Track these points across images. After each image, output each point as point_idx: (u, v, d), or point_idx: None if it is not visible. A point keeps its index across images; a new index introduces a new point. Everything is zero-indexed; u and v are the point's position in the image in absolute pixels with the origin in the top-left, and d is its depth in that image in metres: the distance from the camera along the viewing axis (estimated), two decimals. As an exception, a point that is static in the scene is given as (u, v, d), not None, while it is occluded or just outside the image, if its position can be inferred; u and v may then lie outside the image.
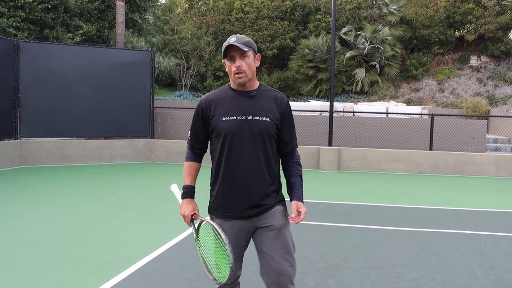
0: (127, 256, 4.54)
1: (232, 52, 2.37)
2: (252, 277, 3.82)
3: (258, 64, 2.48)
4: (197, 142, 2.56)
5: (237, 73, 2.38)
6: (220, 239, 2.24)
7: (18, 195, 7.53)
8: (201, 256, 2.46)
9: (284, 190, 2.59)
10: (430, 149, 11.82)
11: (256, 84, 2.50)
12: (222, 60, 2.48)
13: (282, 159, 2.59)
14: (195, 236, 2.48)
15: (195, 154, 2.59)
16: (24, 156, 10.91)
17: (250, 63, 2.40)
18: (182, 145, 12.32)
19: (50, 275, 3.98)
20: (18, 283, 3.79)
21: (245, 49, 2.34)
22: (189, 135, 2.59)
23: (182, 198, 2.52)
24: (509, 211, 7.23)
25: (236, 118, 2.39)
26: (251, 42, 2.42)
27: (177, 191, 2.64)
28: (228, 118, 2.40)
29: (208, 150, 2.60)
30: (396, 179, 10.53)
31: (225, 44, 2.38)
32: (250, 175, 2.40)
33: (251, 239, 2.52)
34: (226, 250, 2.18)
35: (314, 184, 9.59)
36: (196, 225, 2.47)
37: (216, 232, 2.28)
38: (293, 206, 2.50)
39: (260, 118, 2.40)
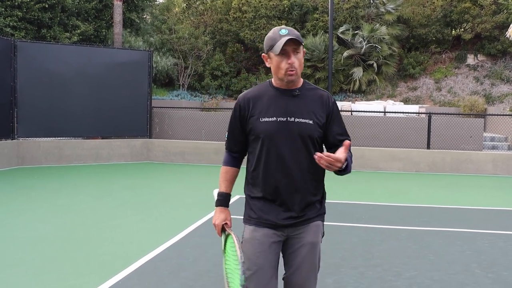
0: (125, 255, 4.54)
1: (287, 46, 2.10)
2: None
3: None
4: (235, 144, 2.33)
5: (290, 70, 2.13)
6: (237, 256, 2.06)
7: (16, 195, 7.52)
8: (225, 270, 2.28)
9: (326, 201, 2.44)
10: (428, 147, 11.85)
11: (300, 81, 2.26)
12: (264, 54, 2.22)
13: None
14: (222, 248, 2.33)
15: (233, 158, 2.36)
16: (21, 156, 10.88)
17: (301, 59, 2.17)
18: (180, 145, 12.32)
19: (49, 275, 3.98)
20: (18, 283, 3.79)
21: (302, 42, 2.13)
22: (226, 136, 2.37)
23: (216, 206, 2.35)
24: (507, 209, 7.26)
25: (277, 119, 2.17)
26: (301, 37, 2.16)
27: (216, 196, 2.43)
28: (267, 119, 2.18)
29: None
30: (393, 178, 10.55)
31: (273, 37, 2.13)
32: (289, 183, 2.19)
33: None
34: (239, 269, 2.02)
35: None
36: (225, 236, 2.32)
37: (236, 248, 2.11)
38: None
39: (303, 120, 2.18)
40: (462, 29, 23.19)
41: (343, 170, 2.10)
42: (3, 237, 5.11)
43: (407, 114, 13.70)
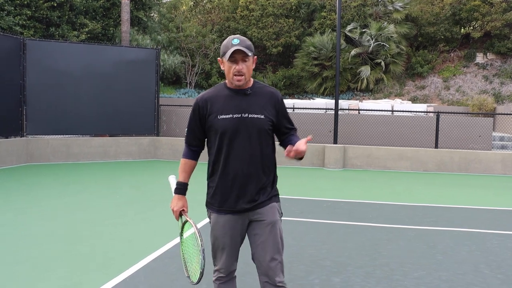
0: (132, 253, 4.56)
1: (235, 54, 2.42)
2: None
3: (254, 66, 2.54)
4: (194, 139, 2.63)
5: (236, 75, 2.44)
6: (197, 242, 2.40)
7: (24, 192, 7.58)
8: (182, 252, 2.65)
9: (279, 185, 2.67)
10: (436, 147, 11.77)
11: (251, 82, 2.56)
12: (219, 59, 2.54)
13: (283, 141, 2.69)
14: (179, 231, 2.65)
15: (192, 152, 2.65)
16: (30, 153, 10.97)
17: (249, 65, 2.47)
18: (187, 143, 12.33)
19: (55, 272, 4.00)
20: (25, 279, 3.81)
21: (249, 54, 2.42)
22: (186, 132, 2.67)
23: (174, 193, 2.65)
24: (516, 209, 7.19)
25: (233, 116, 2.47)
26: (251, 46, 2.48)
27: (173, 183, 2.73)
28: (224, 117, 2.47)
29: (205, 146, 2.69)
30: (401, 177, 10.50)
31: (226, 45, 2.43)
32: (245, 171, 2.48)
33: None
34: (200, 255, 2.36)
35: (320, 182, 9.58)
36: (182, 222, 2.62)
37: (196, 235, 2.42)
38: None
39: (256, 116, 2.49)
40: (471, 27, 23.01)
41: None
42: (10, 234, 5.15)
43: (415, 113, 13.62)
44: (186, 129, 2.66)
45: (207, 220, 2.78)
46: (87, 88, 11.67)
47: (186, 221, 2.59)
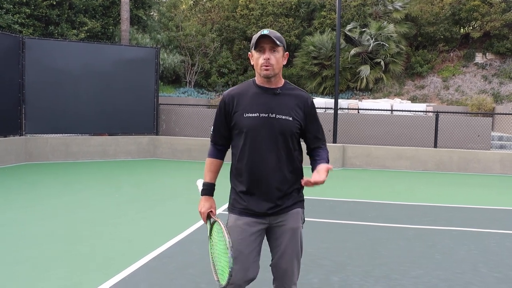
0: (132, 252, 4.56)
1: (263, 43, 2.32)
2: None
3: (285, 62, 2.43)
4: (220, 138, 2.50)
5: (265, 65, 2.32)
6: (226, 240, 2.23)
7: (24, 191, 7.57)
8: (211, 255, 2.47)
9: (305, 190, 2.57)
10: (435, 146, 11.79)
11: (282, 82, 2.45)
12: (249, 53, 2.43)
13: (310, 153, 2.56)
14: (208, 234, 2.50)
15: (218, 151, 2.52)
16: (29, 152, 10.96)
17: (279, 58, 2.36)
18: (186, 142, 12.34)
19: (55, 271, 4.00)
20: (25, 278, 3.82)
21: (278, 42, 2.32)
22: (211, 130, 2.54)
23: (201, 195, 2.51)
24: (514, 209, 7.20)
25: (259, 115, 2.35)
26: (282, 39, 2.38)
27: (200, 186, 2.59)
28: (250, 115, 2.36)
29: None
30: (400, 177, 10.51)
31: (256, 35, 2.34)
32: (270, 174, 2.37)
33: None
34: (228, 253, 2.18)
35: (318, 181, 9.58)
36: (210, 224, 2.49)
37: (224, 233, 2.27)
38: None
39: (283, 117, 2.36)
40: (471, 27, 23.02)
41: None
42: (10, 233, 5.15)
43: (414, 112, 13.63)
44: (212, 127, 2.54)
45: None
46: (86, 87, 11.66)
47: (214, 222, 2.44)
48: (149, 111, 12.47)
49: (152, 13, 22.65)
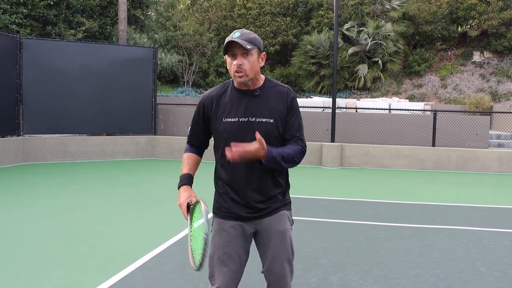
0: (130, 252, 4.55)
1: (233, 48, 2.16)
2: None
3: (262, 64, 2.28)
4: (196, 140, 2.44)
5: (237, 72, 2.17)
6: (201, 211, 2.11)
7: (22, 191, 7.56)
8: (190, 238, 2.29)
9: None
10: (433, 145, 11.80)
11: (261, 81, 2.30)
12: (224, 56, 2.27)
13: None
14: (188, 222, 2.30)
15: (194, 148, 2.47)
16: (26, 152, 10.93)
17: (253, 62, 2.19)
18: (184, 142, 12.27)
19: (53, 271, 3.99)
20: (24, 279, 3.81)
21: (248, 47, 2.13)
22: (189, 130, 2.45)
23: (178, 188, 2.36)
24: (512, 207, 7.21)
25: (238, 120, 2.23)
26: (256, 40, 2.20)
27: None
28: (229, 120, 2.24)
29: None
30: (398, 175, 10.52)
31: (227, 39, 2.17)
32: (252, 179, 2.27)
33: (252, 241, 2.41)
34: (204, 221, 2.04)
35: (317, 180, 9.59)
36: (190, 215, 2.30)
37: (201, 210, 2.13)
38: None
39: (264, 120, 2.23)
40: (468, 26, 23.04)
41: (264, 162, 2.16)
42: (8, 233, 5.14)
43: (412, 111, 13.64)
44: (189, 128, 2.43)
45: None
46: (84, 87, 11.64)
47: (197, 202, 2.24)
48: (147, 111, 12.46)
49: (149, 13, 22.63)
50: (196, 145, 2.46)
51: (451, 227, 5.82)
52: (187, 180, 2.37)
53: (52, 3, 15.96)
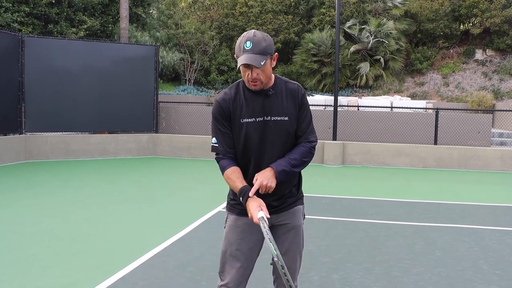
0: (131, 250, 4.55)
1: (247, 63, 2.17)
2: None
3: (274, 63, 2.28)
4: (229, 147, 2.32)
5: (252, 82, 2.21)
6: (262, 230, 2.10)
7: (24, 189, 7.57)
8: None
9: (304, 186, 2.53)
10: (435, 143, 11.77)
11: (272, 80, 2.31)
12: (235, 54, 2.27)
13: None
14: (268, 234, 2.12)
15: (231, 160, 2.33)
16: (28, 150, 10.95)
17: (266, 69, 2.21)
18: (186, 140, 12.33)
19: (55, 269, 4.00)
20: (25, 276, 3.81)
21: (262, 63, 2.14)
22: (214, 142, 2.34)
23: (244, 202, 2.23)
24: (515, 206, 7.20)
25: (255, 119, 2.27)
26: (268, 48, 2.17)
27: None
28: (247, 120, 2.27)
29: None
30: (400, 174, 10.50)
31: (239, 47, 2.17)
32: None
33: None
34: (268, 243, 2.07)
35: (319, 178, 9.58)
36: (265, 221, 2.17)
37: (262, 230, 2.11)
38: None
39: (279, 118, 2.28)
40: (471, 24, 22.99)
41: (278, 180, 2.25)
42: (10, 232, 5.15)
43: (414, 109, 13.62)
44: (213, 139, 2.33)
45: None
46: (85, 85, 11.65)
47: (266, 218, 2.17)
48: (149, 109, 12.46)
49: (151, 11, 22.61)
50: (231, 155, 2.34)
51: (453, 225, 5.81)
52: (249, 190, 2.25)
53: (53, 1, 15.95)
